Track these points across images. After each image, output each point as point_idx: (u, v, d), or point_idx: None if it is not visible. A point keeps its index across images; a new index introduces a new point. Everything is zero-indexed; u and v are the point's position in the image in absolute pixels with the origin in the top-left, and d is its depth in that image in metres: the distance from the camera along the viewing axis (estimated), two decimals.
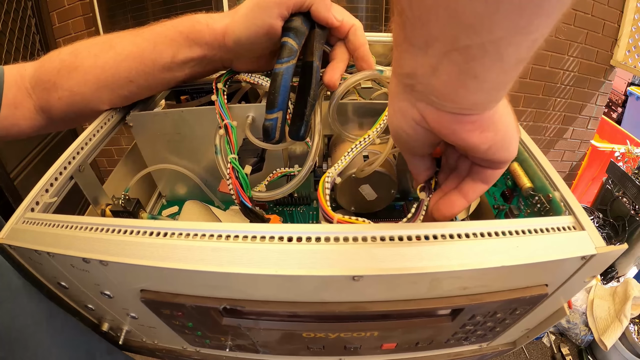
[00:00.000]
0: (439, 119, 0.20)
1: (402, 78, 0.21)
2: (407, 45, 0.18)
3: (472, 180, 0.25)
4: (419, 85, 0.20)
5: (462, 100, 0.19)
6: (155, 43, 0.36)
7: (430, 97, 0.20)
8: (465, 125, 0.20)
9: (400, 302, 0.24)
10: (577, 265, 0.24)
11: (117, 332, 0.35)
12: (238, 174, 0.33)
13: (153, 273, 0.23)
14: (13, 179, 1.32)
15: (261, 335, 0.30)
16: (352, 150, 0.32)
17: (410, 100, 0.21)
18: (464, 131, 0.20)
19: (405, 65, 0.19)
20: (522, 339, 0.37)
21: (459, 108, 0.19)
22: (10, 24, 1.38)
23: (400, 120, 0.22)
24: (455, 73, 0.17)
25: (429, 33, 0.17)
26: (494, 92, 0.19)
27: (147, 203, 0.48)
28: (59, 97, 0.37)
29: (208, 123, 0.39)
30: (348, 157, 0.31)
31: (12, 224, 0.28)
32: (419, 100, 0.20)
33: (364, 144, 0.32)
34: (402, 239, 0.23)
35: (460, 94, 0.18)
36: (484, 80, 0.17)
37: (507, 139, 0.22)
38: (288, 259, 0.22)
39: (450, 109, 0.19)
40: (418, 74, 0.19)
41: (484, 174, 0.24)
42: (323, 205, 0.28)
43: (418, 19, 0.17)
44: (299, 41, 0.33)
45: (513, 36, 0.16)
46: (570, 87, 1.74)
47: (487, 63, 0.17)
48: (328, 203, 0.28)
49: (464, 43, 0.16)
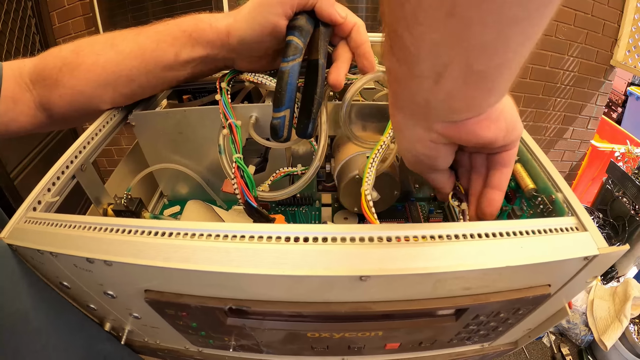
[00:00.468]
0: (457, 130, 0.21)
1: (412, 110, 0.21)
2: (413, 78, 0.19)
3: (496, 170, 0.27)
4: (434, 111, 0.20)
5: (480, 108, 0.21)
6: (158, 42, 0.36)
7: (447, 117, 0.21)
8: (482, 123, 0.21)
9: (404, 302, 0.24)
10: (579, 265, 0.24)
11: (119, 332, 0.35)
12: (243, 174, 0.33)
13: (158, 273, 0.23)
14: (13, 179, 1.32)
15: (265, 335, 0.30)
16: (375, 160, 0.33)
17: (425, 125, 0.22)
18: (481, 129, 0.22)
19: (415, 96, 0.20)
20: (524, 339, 0.37)
21: (475, 113, 0.21)
22: (10, 24, 1.38)
23: (418, 147, 0.24)
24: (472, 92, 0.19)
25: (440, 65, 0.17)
26: (504, 92, 0.20)
27: (149, 203, 0.48)
28: (60, 95, 0.36)
29: (210, 123, 0.39)
30: (373, 168, 0.32)
31: (14, 223, 0.27)
32: (434, 122, 0.21)
33: (382, 151, 0.33)
34: (409, 239, 0.23)
35: (479, 104, 0.20)
36: (498, 89, 0.19)
37: (514, 119, 0.24)
38: (294, 259, 0.22)
39: (467, 117, 0.21)
40: (432, 101, 0.20)
41: (504, 158, 0.26)
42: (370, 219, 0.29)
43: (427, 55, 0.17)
44: (304, 39, 0.33)
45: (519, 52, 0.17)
46: (570, 87, 1.75)
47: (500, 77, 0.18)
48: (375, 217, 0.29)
49: (478, 68, 0.17)
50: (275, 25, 0.33)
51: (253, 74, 0.39)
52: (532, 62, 1.66)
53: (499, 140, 0.23)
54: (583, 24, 1.59)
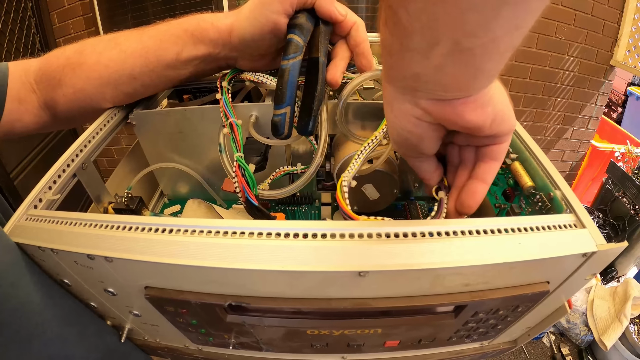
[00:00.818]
0: (443, 109, 0.22)
1: (402, 82, 0.22)
2: (405, 52, 0.19)
3: (483, 162, 0.26)
4: (423, 85, 0.21)
5: (467, 88, 0.21)
6: (160, 40, 0.36)
7: (435, 92, 0.21)
8: (468, 105, 0.21)
9: (403, 298, 0.24)
10: (578, 262, 0.25)
11: (120, 331, 0.35)
12: (244, 172, 0.33)
13: (158, 269, 0.23)
14: (13, 179, 1.32)
15: (265, 333, 0.30)
16: (362, 153, 0.32)
17: (412, 100, 0.22)
18: (467, 111, 0.21)
19: (406, 69, 0.20)
20: (523, 337, 0.38)
21: (462, 94, 0.21)
22: (10, 24, 1.38)
23: (403, 122, 0.23)
24: (459, 69, 0.19)
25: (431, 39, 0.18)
26: (493, 75, 0.20)
27: (149, 202, 0.48)
28: (64, 94, 0.37)
29: (211, 122, 0.39)
30: (359, 160, 0.32)
31: (15, 220, 0.28)
32: (421, 98, 0.21)
33: (372, 145, 0.33)
34: (407, 235, 0.23)
35: (466, 84, 0.20)
36: (485, 70, 0.19)
37: (505, 110, 0.24)
38: (293, 255, 0.22)
39: (453, 97, 0.21)
40: (421, 74, 0.20)
41: (493, 152, 0.26)
42: (344, 208, 0.28)
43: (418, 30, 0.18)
44: (304, 37, 0.33)
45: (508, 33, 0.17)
46: (570, 87, 1.75)
47: (487, 56, 0.18)
48: (349, 206, 0.28)
49: (467, 46, 0.17)
50: (276, 23, 0.33)
51: (254, 74, 0.39)
52: (532, 62, 1.66)
53: (485, 127, 0.23)
54: (583, 24, 1.59)
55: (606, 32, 1.63)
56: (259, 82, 0.39)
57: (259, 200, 0.34)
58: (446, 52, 0.18)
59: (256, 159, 0.39)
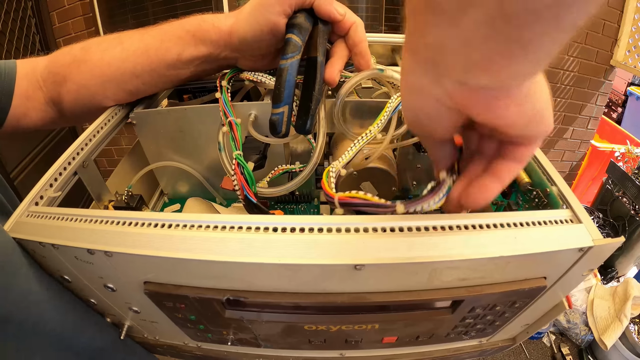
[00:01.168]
0: (469, 96, 0.18)
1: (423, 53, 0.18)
2: (430, 14, 0.15)
3: (505, 160, 0.22)
4: (446, 59, 0.17)
5: (502, 73, 0.16)
6: (162, 40, 0.37)
7: (460, 72, 0.17)
8: (501, 101, 0.17)
9: (400, 292, 0.24)
10: (574, 257, 0.25)
11: (119, 328, 0.36)
12: (243, 170, 0.33)
13: (157, 264, 0.23)
14: (13, 179, 1.33)
15: (263, 328, 0.30)
16: (355, 145, 0.32)
17: (433, 77, 0.18)
18: (499, 107, 0.18)
19: (429, 37, 0.16)
20: (522, 334, 0.38)
21: (496, 82, 0.17)
22: (10, 24, 1.39)
23: (419, 101, 0.20)
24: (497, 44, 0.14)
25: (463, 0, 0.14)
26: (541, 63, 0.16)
27: (149, 201, 0.49)
28: (68, 90, 0.38)
29: (211, 121, 0.39)
30: (352, 151, 0.32)
31: (16, 217, 0.28)
32: (443, 76, 0.18)
33: (366, 139, 0.33)
34: (403, 229, 0.23)
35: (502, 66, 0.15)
36: (532, 51, 0.15)
37: (545, 111, 0.19)
38: (290, 249, 0.22)
39: (485, 84, 0.17)
40: (446, 46, 0.16)
41: (519, 152, 0.22)
42: (325, 187, 0.27)
43: None
44: (302, 37, 0.33)
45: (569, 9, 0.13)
46: (570, 87, 1.75)
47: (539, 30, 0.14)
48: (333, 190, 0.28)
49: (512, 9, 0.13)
50: (275, 23, 0.34)
51: (253, 73, 0.39)
52: None
53: (517, 127, 0.19)
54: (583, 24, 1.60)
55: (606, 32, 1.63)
56: (258, 81, 0.39)
57: (258, 198, 0.34)
58: (484, 18, 0.14)
59: (255, 158, 0.39)
